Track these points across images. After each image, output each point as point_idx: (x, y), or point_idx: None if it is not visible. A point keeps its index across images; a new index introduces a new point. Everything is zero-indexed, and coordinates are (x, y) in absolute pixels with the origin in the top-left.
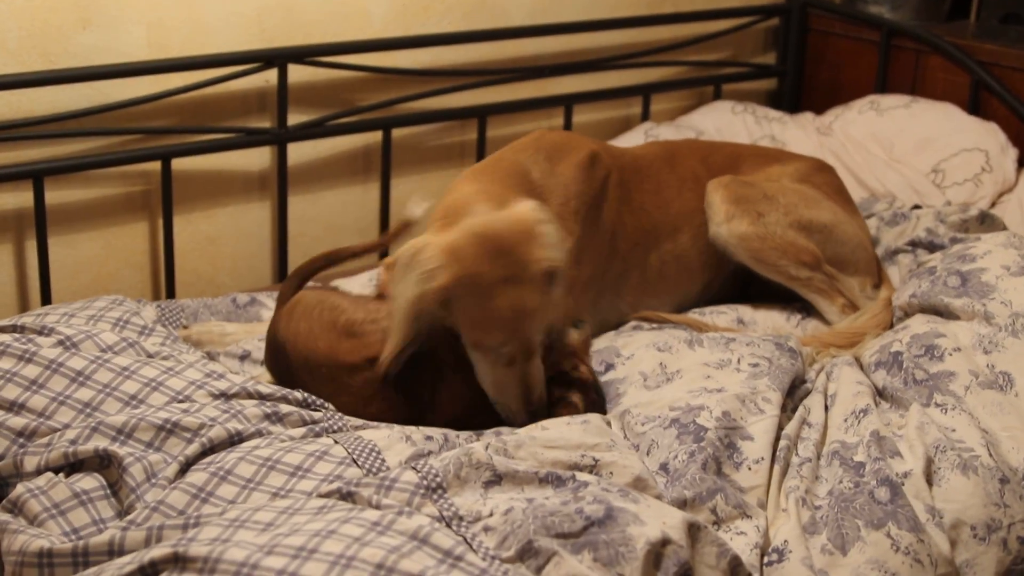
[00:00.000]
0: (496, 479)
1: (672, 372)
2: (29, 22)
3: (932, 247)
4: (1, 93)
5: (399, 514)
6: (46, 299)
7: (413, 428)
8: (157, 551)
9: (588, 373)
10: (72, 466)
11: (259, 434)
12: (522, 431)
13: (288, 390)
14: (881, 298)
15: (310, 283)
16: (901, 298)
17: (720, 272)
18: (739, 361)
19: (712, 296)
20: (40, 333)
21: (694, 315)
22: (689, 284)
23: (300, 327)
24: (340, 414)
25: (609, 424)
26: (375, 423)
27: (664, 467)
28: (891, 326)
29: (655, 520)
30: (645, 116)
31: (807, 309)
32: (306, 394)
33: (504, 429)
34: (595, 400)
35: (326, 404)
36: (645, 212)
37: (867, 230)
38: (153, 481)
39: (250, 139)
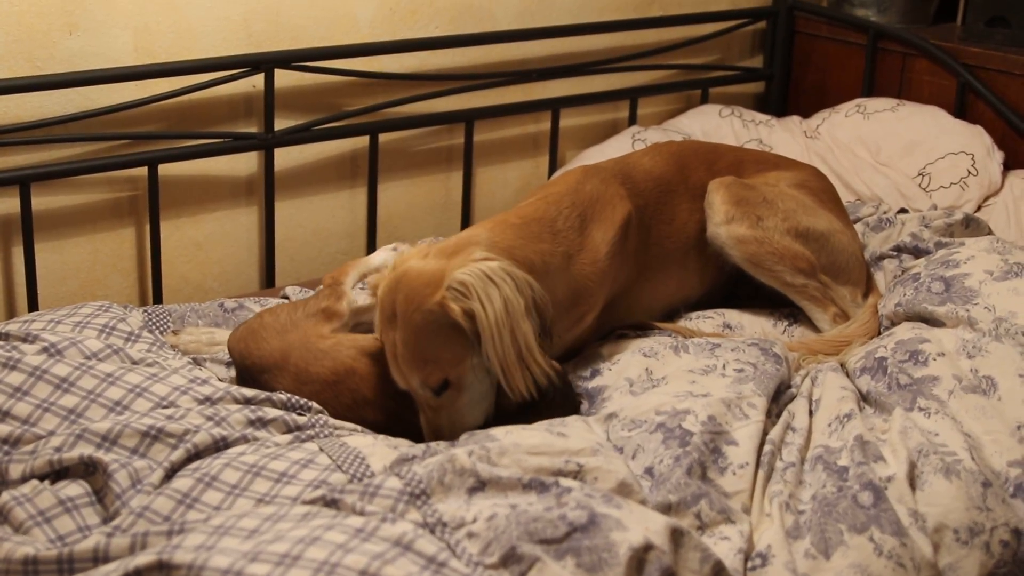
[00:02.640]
0: (480, 485)
1: (658, 378)
2: (15, 27)
3: (917, 252)
4: None
5: (383, 520)
6: (33, 305)
7: (393, 438)
8: (142, 558)
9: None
10: (57, 473)
11: (244, 440)
12: (505, 438)
13: (271, 392)
14: (868, 304)
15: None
16: (887, 307)
17: (717, 280)
18: (724, 367)
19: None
20: (25, 340)
21: (681, 321)
22: (688, 297)
23: (274, 344)
24: (325, 417)
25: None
26: (360, 428)
27: (649, 471)
28: (878, 334)
29: (638, 526)
30: (632, 120)
31: (795, 315)
32: (289, 395)
33: (480, 434)
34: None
35: (310, 405)
36: (660, 246)
37: (859, 241)
38: (138, 487)
39: (237, 144)
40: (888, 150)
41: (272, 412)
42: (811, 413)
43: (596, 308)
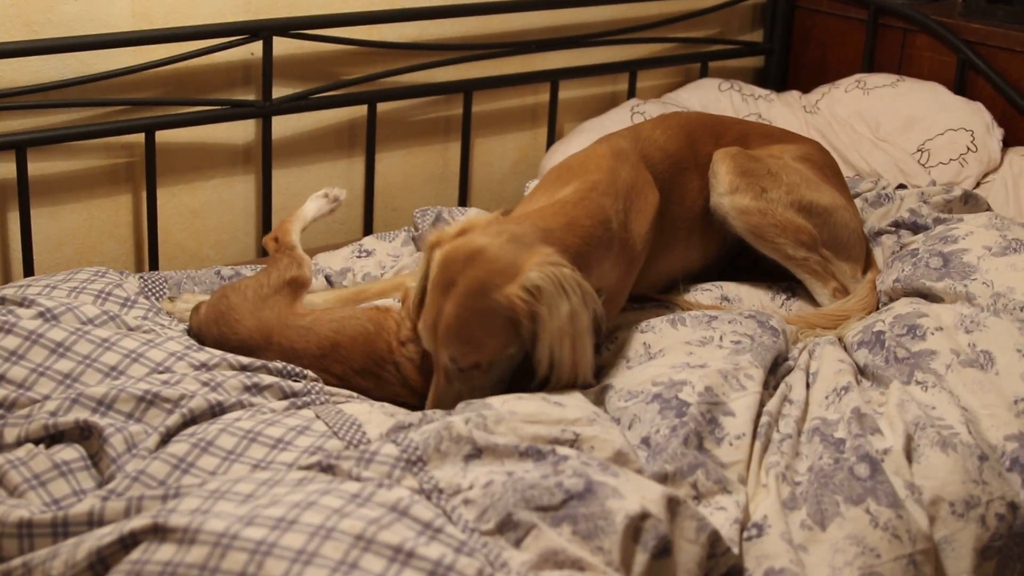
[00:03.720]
0: (476, 453)
1: (655, 351)
2: None
3: (915, 228)
4: None
5: (379, 486)
6: (29, 271)
7: (390, 406)
8: (137, 521)
9: None
10: (52, 437)
11: (240, 405)
12: (501, 407)
13: (266, 361)
14: (867, 280)
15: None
16: (886, 283)
17: (719, 252)
18: (721, 338)
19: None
20: (21, 305)
21: (679, 293)
22: (689, 269)
23: (250, 324)
24: (320, 384)
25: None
26: (357, 396)
27: (646, 441)
28: (877, 309)
29: (635, 494)
30: (631, 93)
31: (793, 289)
32: (285, 364)
33: (476, 402)
34: None
35: (305, 373)
36: (671, 224)
37: (859, 217)
38: (134, 452)
39: (235, 112)
40: (887, 126)
41: (268, 379)
42: (808, 386)
43: (622, 302)
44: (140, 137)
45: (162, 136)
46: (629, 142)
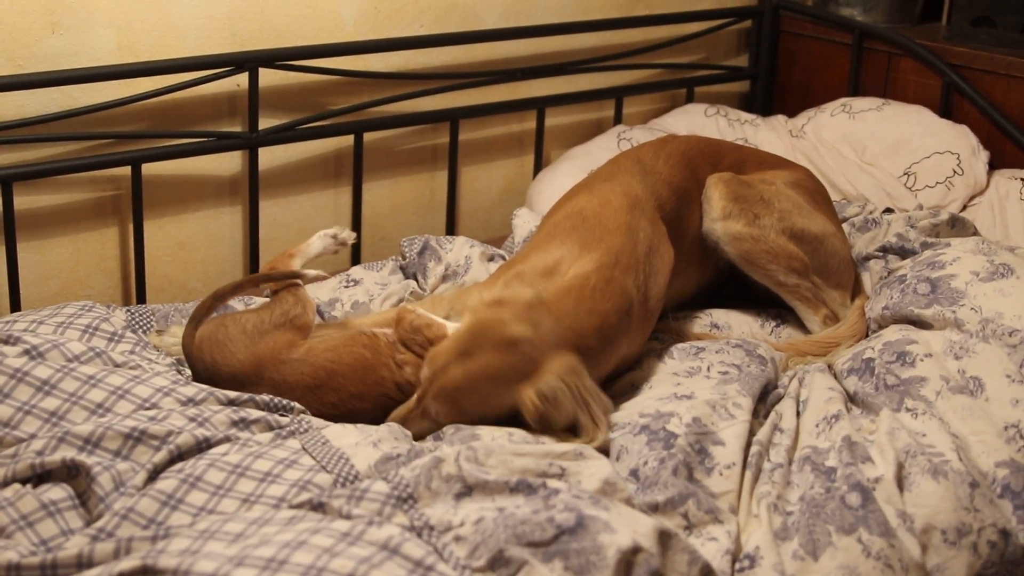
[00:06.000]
0: (467, 491)
1: (642, 385)
2: None
3: (903, 253)
4: None
5: (369, 524)
6: (15, 305)
7: (373, 429)
8: (126, 563)
9: None
10: (39, 476)
11: (227, 440)
12: (492, 440)
13: (253, 394)
14: (855, 306)
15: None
16: (874, 310)
17: (710, 283)
18: (708, 369)
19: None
20: (6, 342)
21: (668, 320)
22: (683, 300)
23: (242, 357)
24: (308, 418)
25: None
26: (341, 424)
27: (634, 473)
28: (866, 335)
29: (626, 528)
30: (618, 119)
31: (783, 316)
32: (272, 396)
33: (466, 431)
34: None
35: (292, 406)
36: (673, 262)
37: (848, 243)
38: (122, 490)
39: (221, 143)
40: (873, 149)
41: (255, 413)
42: (798, 414)
43: (640, 354)
44: (126, 170)
45: (148, 169)
46: (639, 182)
